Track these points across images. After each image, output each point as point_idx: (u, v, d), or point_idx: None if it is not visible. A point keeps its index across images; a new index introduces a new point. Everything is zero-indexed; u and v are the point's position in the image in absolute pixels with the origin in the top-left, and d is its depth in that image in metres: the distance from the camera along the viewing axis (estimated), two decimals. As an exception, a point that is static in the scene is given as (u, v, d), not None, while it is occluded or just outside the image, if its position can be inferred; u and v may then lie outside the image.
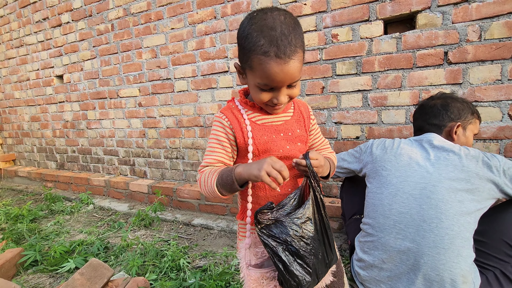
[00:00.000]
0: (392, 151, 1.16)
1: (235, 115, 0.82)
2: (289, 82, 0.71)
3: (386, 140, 1.25)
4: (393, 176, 1.10)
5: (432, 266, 0.95)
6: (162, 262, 1.62)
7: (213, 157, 0.82)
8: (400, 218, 1.03)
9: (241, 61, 0.76)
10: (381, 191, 1.12)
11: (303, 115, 0.89)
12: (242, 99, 0.85)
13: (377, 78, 1.67)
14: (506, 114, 1.43)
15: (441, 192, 0.99)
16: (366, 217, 1.17)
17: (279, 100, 0.75)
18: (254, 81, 0.73)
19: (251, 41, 0.68)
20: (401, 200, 1.05)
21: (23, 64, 3.42)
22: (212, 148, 0.83)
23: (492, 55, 1.41)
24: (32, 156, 3.69)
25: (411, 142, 1.17)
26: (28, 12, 3.18)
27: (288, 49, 0.66)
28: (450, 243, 0.95)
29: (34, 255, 1.70)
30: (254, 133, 0.80)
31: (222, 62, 2.15)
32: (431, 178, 1.03)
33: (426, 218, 0.99)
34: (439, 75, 1.52)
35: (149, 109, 2.58)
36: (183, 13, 2.23)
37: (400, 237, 1.02)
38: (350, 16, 1.68)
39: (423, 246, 0.97)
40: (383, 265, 1.05)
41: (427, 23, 1.51)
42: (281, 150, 0.82)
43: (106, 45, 2.69)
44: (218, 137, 0.82)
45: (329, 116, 1.84)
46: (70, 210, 2.57)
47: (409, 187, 1.05)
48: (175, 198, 2.43)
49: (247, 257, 0.75)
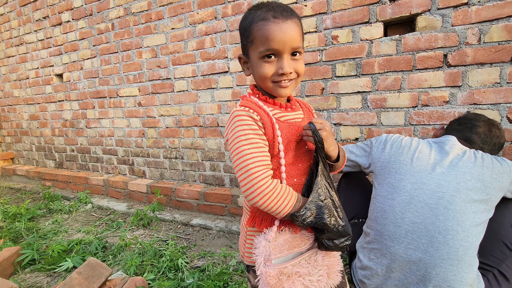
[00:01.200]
0: (409, 153, 1.09)
1: (263, 109, 0.75)
2: (290, 44, 0.69)
3: (404, 138, 1.16)
4: (407, 181, 1.03)
5: (444, 278, 0.93)
6: (160, 262, 1.62)
7: (264, 155, 0.70)
8: (413, 228, 0.98)
9: (244, 46, 0.77)
10: (392, 197, 1.05)
11: (311, 112, 0.91)
12: (260, 96, 0.80)
13: (376, 80, 1.67)
14: (505, 117, 1.44)
15: (459, 203, 0.95)
16: (373, 221, 1.10)
17: (284, 69, 0.70)
18: (257, 53, 0.72)
19: (249, 18, 0.73)
20: (416, 209, 0.99)
21: (22, 63, 3.41)
22: (255, 143, 0.69)
23: (491, 58, 1.42)
24: (31, 155, 3.68)
25: (430, 145, 1.11)
26: (29, 11, 3.18)
27: (284, 12, 0.70)
28: (463, 254, 0.93)
29: (32, 254, 1.69)
30: (281, 131, 0.75)
31: (222, 62, 2.16)
32: (448, 187, 0.98)
33: (441, 229, 0.95)
34: (439, 78, 1.53)
35: (149, 109, 2.58)
36: (184, 13, 2.23)
37: (411, 248, 0.98)
38: (350, 17, 1.69)
39: (436, 258, 0.94)
40: (390, 274, 1.02)
41: (427, 26, 1.52)
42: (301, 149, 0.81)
43: (106, 44, 2.69)
44: (255, 131, 0.70)
45: (329, 117, 1.84)
46: (69, 209, 2.56)
47: (425, 196, 0.99)
48: (174, 198, 2.43)
49: (267, 251, 0.72)
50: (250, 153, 0.68)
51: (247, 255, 0.83)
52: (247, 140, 0.69)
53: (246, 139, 0.69)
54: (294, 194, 0.72)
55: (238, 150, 0.69)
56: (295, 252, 0.76)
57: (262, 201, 0.67)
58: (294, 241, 0.76)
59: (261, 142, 0.70)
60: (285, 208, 0.69)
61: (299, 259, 0.75)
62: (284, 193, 0.69)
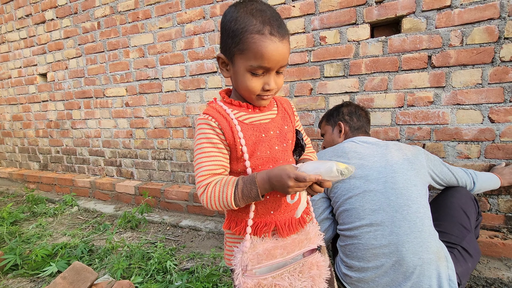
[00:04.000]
0: (345, 157, 1.22)
1: (222, 115, 0.75)
2: (281, 64, 0.71)
3: (339, 148, 1.28)
4: (355, 179, 1.15)
5: (414, 251, 1.00)
6: (148, 265, 1.59)
7: (212, 163, 0.73)
8: (374, 215, 1.08)
9: (228, 48, 0.73)
10: (349, 195, 1.15)
11: (287, 111, 0.86)
12: (226, 99, 0.80)
13: (364, 81, 1.69)
14: (487, 117, 1.48)
15: (400, 181, 1.10)
16: (342, 224, 1.18)
17: (270, 85, 0.72)
18: (246, 65, 0.70)
19: (241, 22, 0.68)
20: (370, 198, 1.10)
21: (4, 62, 3.30)
22: (207, 152, 0.73)
23: (473, 59, 1.46)
24: (14, 157, 3.57)
25: (354, 143, 1.27)
26: (11, 8, 3.08)
27: (280, 29, 0.68)
28: (421, 224, 1.04)
29: (14, 258, 1.64)
30: (244, 133, 0.74)
31: (211, 62, 2.14)
32: (387, 171, 1.13)
33: (397, 207, 1.06)
34: (423, 78, 1.56)
35: (137, 109, 2.54)
36: (172, 12, 2.21)
37: (379, 233, 1.06)
38: (338, 19, 1.70)
39: (401, 235, 1.03)
40: (368, 264, 1.07)
41: (412, 28, 1.55)
42: (268, 151, 0.77)
43: (92, 43, 2.63)
44: (209, 139, 0.73)
45: (317, 117, 1.85)
46: (53, 212, 2.50)
47: (373, 185, 1.11)
48: (162, 199, 2.40)
49: (244, 261, 0.71)
50: (199, 162, 0.73)
51: (227, 257, 0.85)
52: (200, 149, 0.74)
53: (199, 148, 0.74)
54: (231, 183, 0.70)
55: (194, 159, 0.76)
56: (279, 262, 0.73)
57: (206, 204, 0.72)
58: (275, 250, 0.73)
59: (213, 150, 0.74)
60: (226, 200, 0.69)
61: (282, 271, 0.73)
62: (220, 190, 0.70)
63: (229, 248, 0.84)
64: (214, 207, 0.71)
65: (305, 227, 0.82)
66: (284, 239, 0.76)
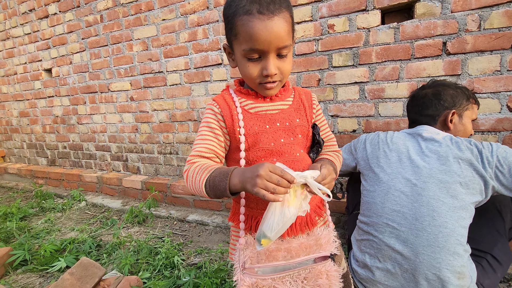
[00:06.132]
0: (384, 146, 1.13)
1: (227, 102, 0.75)
2: (276, 44, 0.64)
3: (380, 133, 1.20)
4: (384, 173, 1.07)
5: (428, 265, 0.92)
6: (155, 260, 1.58)
7: (204, 146, 0.73)
8: (393, 216, 1.00)
9: (228, 37, 0.71)
10: (374, 189, 1.09)
11: (304, 104, 0.80)
12: (237, 88, 0.79)
13: (374, 70, 1.63)
14: (505, 106, 1.41)
15: (432, 188, 0.96)
16: (361, 215, 1.14)
17: (268, 70, 0.66)
18: (240, 50, 0.67)
19: (233, 6, 0.65)
20: (393, 198, 1.02)
21: (9, 58, 3.30)
22: (203, 136, 0.74)
23: (491, 45, 1.38)
24: (22, 153, 3.60)
25: (404, 136, 1.13)
26: (14, 3, 3.06)
27: (271, 6, 0.62)
28: (444, 241, 0.92)
29: (24, 254, 1.65)
30: (246, 122, 0.72)
31: (215, 54, 2.09)
32: (421, 173, 0.99)
33: (418, 216, 0.96)
34: (438, 66, 1.49)
35: (141, 103, 2.52)
36: (175, 3, 2.16)
37: (393, 236, 0.99)
38: (346, 5, 1.63)
39: (417, 245, 0.94)
40: (378, 264, 1.02)
41: (426, 13, 1.47)
42: (273, 143, 0.73)
43: (96, 37, 2.60)
44: (209, 123, 0.75)
45: (326, 109, 1.80)
46: (62, 208, 2.51)
47: (400, 184, 1.02)
48: (169, 194, 2.39)
49: (242, 258, 0.68)
50: (194, 144, 0.76)
51: (230, 251, 0.85)
52: (199, 132, 0.76)
53: (199, 131, 0.77)
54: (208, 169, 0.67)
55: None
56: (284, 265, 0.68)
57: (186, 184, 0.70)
58: (277, 252, 0.69)
59: (209, 134, 0.74)
60: (199, 185, 0.66)
61: (284, 274, 0.68)
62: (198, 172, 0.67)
63: (233, 242, 0.84)
64: (191, 190, 0.70)
65: (316, 231, 0.75)
66: (289, 241, 0.71)
